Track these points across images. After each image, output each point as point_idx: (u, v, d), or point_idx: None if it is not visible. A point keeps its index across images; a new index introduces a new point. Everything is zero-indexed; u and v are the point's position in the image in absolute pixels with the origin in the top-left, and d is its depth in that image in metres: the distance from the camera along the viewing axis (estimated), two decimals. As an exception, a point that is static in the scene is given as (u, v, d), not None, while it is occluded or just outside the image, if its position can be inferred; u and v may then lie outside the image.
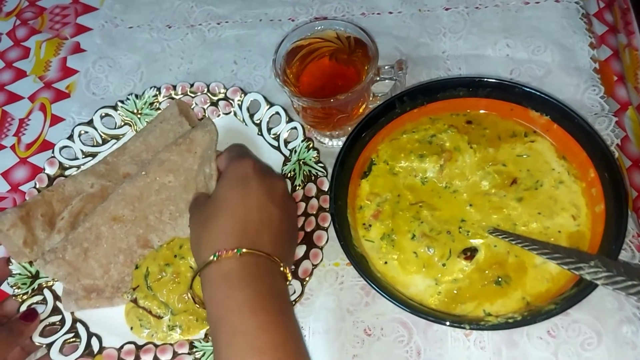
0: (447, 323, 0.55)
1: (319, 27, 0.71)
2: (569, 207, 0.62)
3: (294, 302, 0.61)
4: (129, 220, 0.67)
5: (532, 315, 0.54)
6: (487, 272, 0.60)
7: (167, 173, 0.68)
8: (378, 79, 0.70)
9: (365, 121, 0.66)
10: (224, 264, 0.54)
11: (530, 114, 0.66)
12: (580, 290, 0.54)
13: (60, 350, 0.62)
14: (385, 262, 0.62)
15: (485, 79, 0.66)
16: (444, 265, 0.60)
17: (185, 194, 0.68)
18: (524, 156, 0.66)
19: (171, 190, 0.68)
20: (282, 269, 0.57)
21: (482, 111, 0.69)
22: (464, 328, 0.54)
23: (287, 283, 0.58)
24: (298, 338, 0.54)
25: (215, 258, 0.54)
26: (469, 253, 0.60)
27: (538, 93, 0.65)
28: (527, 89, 0.65)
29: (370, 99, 0.73)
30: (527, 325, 0.54)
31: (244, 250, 0.54)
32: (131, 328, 0.64)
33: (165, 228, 0.67)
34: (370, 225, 0.64)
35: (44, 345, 0.63)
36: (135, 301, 0.64)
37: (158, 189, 0.68)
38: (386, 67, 0.70)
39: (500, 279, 0.59)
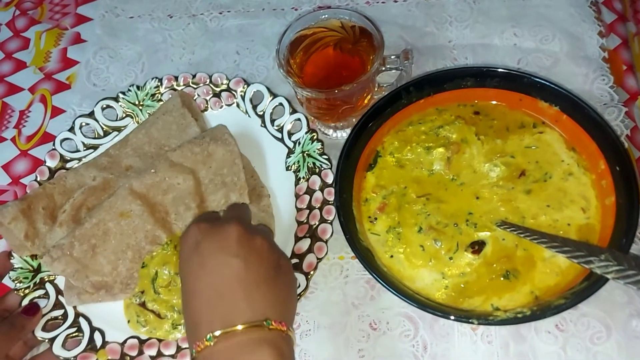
0: (453, 317, 0.54)
1: (323, 16, 0.70)
2: (579, 199, 0.61)
3: (298, 296, 0.60)
4: (136, 215, 0.65)
5: (542, 310, 0.53)
6: (495, 265, 0.59)
7: (177, 175, 0.67)
8: (383, 69, 0.69)
9: (370, 112, 0.65)
10: (200, 358, 0.48)
11: (539, 104, 0.65)
12: (591, 285, 0.53)
13: (63, 345, 0.62)
14: (391, 256, 0.61)
15: (494, 69, 0.65)
16: (451, 258, 0.60)
17: (188, 199, 0.67)
18: (533, 147, 0.65)
19: (178, 191, 0.67)
20: (271, 327, 0.48)
21: (490, 102, 0.68)
22: (472, 323, 0.54)
23: (283, 334, 0.49)
24: None
25: (194, 353, 0.48)
26: (477, 247, 0.59)
27: (548, 83, 0.63)
28: (537, 79, 0.64)
29: (375, 89, 0.71)
30: (536, 320, 0.54)
31: (216, 334, 0.47)
32: (128, 321, 0.64)
33: (172, 228, 0.67)
34: (375, 219, 0.64)
35: (47, 340, 0.62)
36: (143, 304, 0.63)
37: (166, 189, 0.67)
38: (392, 57, 0.69)
39: (508, 273, 0.58)
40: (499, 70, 0.65)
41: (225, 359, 0.47)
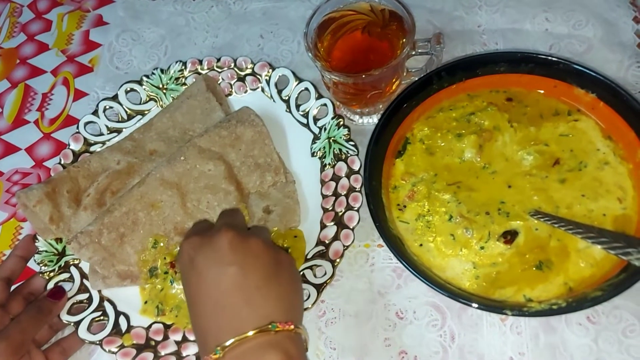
0: (485, 308, 0.53)
1: (353, -1, 0.68)
2: (615, 189, 0.60)
3: (324, 284, 0.59)
4: (167, 206, 0.65)
5: (578, 302, 0.52)
6: (527, 256, 0.57)
7: (207, 161, 0.66)
8: (414, 53, 0.67)
9: (400, 97, 0.63)
10: None
11: (575, 91, 0.63)
12: (629, 277, 0.52)
13: (88, 329, 0.62)
14: (421, 245, 0.60)
15: (529, 54, 0.63)
16: (482, 248, 0.58)
17: (224, 184, 0.66)
18: (568, 136, 0.63)
19: (210, 178, 0.66)
20: (277, 330, 0.48)
21: (523, 88, 0.66)
22: (505, 314, 0.52)
23: (291, 334, 0.49)
24: None
25: None
26: (509, 236, 0.58)
27: (585, 70, 0.61)
28: (574, 65, 0.62)
29: (404, 74, 0.70)
30: (572, 312, 0.53)
31: (226, 344, 0.47)
32: (145, 302, 0.64)
33: (203, 217, 0.66)
34: (404, 206, 0.62)
35: (72, 324, 0.62)
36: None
37: (197, 177, 0.66)
38: (422, 41, 0.67)
39: (541, 264, 0.57)
40: (534, 55, 0.63)
41: None
